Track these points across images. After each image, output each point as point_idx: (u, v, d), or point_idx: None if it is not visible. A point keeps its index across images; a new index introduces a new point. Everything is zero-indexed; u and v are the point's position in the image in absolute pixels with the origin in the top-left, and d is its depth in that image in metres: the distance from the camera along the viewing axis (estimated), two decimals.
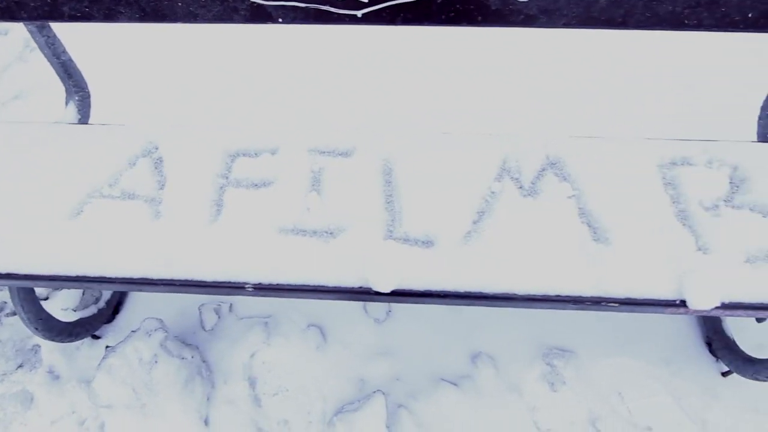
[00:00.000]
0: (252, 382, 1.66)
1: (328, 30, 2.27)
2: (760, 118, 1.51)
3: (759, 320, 1.46)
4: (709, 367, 1.67)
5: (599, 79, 2.24)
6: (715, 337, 1.68)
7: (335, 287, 1.20)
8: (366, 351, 1.71)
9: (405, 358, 1.69)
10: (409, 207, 1.29)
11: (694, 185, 1.30)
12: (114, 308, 1.85)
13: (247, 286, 1.21)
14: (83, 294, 1.75)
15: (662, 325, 1.74)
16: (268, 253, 1.24)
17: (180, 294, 1.42)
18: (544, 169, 1.34)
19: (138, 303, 1.86)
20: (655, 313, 1.16)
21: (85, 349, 1.75)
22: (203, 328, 1.75)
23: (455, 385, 1.62)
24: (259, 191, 1.33)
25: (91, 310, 1.75)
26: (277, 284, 1.21)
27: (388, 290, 1.17)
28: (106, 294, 1.85)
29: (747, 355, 1.55)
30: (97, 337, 1.79)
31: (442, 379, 1.64)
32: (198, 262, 1.24)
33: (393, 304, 1.80)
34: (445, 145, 1.38)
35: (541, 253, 1.20)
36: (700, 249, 1.19)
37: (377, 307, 1.78)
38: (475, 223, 1.25)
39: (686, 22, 1.21)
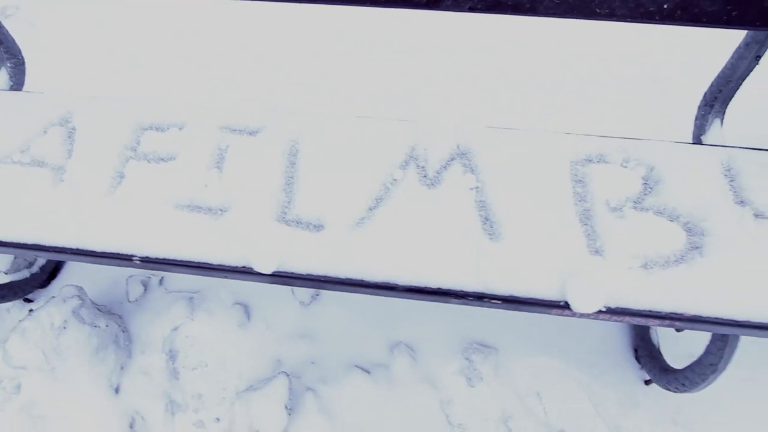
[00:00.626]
0: (173, 355, 1.67)
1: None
2: (696, 118, 1.44)
3: (678, 330, 1.41)
4: (633, 374, 1.63)
5: (533, 69, 2.14)
6: (641, 344, 1.63)
7: (219, 265, 1.18)
8: (287, 332, 1.71)
9: (324, 342, 1.68)
10: (308, 189, 1.26)
11: (604, 184, 1.25)
12: (50, 274, 1.88)
13: (134, 258, 1.21)
14: (14, 257, 1.78)
15: (592, 329, 1.70)
16: (160, 226, 1.23)
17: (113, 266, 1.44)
18: (452, 159, 1.30)
19: (73, 271, 1.88)
20: (541, 313, 1.13)
21: (15, 311, 1.78)
22: (128, 299, 1.76)
23: (368, 372, 1.61)
24: (162, 165, 1.32)
25: (23, 274, 1.77)
26: (164, 258, 1.20)
27: (268, 271, 1.15)
28: (41, 260, 1.88)
29: (666, 364, 1.50)
30: (29, 301, 1.81)
31: (356, 366, 1.62)
32: (92, 232, 1.24)
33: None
34: (356, 129, 1.35)
35: (430, 244, 1.17)
36: (594, 251, 1.14)
37: (304, 290, 1.77)
38: (370, 209, 1.23)
39: (598, 11, 1.15)
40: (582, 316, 1.11)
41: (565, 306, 1.10)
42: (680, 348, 1.63)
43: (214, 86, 2.23)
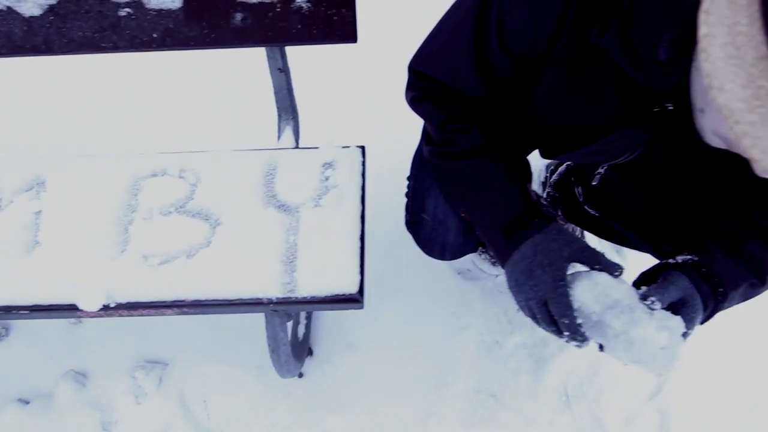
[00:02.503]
0: None
1: None
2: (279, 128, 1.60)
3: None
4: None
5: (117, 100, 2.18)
6: (293, 341, 1.74)
7: None
8: None
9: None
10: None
11: (158, 194, 1.37)
12: None
13: None
14: None
15: (259, 334, 1.79)
16: None
17: None
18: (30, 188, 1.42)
19: None
20: (55, 318, 1.23)
21: None
22: None
23: (27, 403, 1.66)
24: None
25: None
26: None
27: None
28: None
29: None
30: None
31: (19, 400, 1.67)
32: None
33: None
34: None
35: None
36: (118, 254, 1.26)
37: None
38: None
39: (103, 45, 1.30)
40: (95, 315, 1.21)
41: (74, 307, 1.20)
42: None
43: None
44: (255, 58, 1.48)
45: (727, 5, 0.57)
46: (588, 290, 0.89)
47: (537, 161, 1.48)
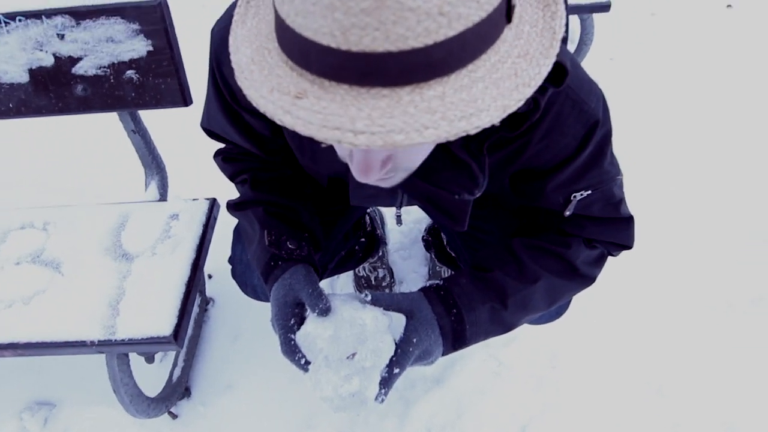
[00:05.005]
0: None
1: None
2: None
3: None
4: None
5: None
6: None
7: None
8: None
9: None
10: None
11: (18, 245, 1.51)
12: None
13: None
14: None
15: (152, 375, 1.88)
16: None
17: None
18: None
19: None
20: None
21: None
22: None
23: None
24: None
25: None
26: None
27: None
28: None
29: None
30: None
31: None
32: None
33: None
34: None
35: None
36: None
37: None
38: None
39: None
40: None
41: None
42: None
43: None
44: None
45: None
46: (308, 343, 0.93)
47: None
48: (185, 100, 1.43)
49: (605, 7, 2.06)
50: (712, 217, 2.23)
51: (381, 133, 0.52)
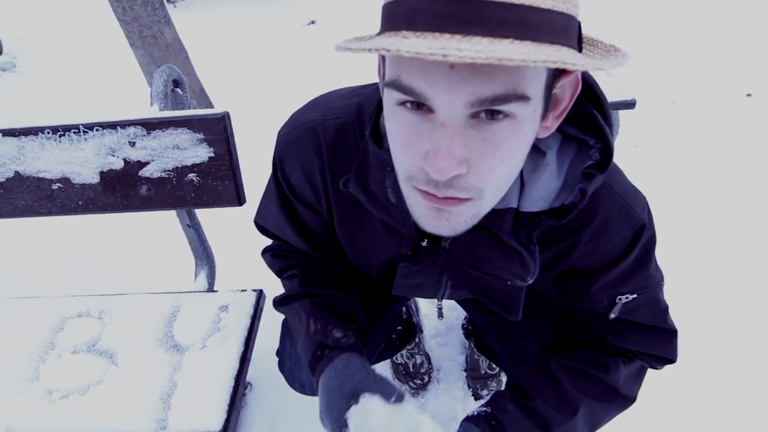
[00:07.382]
0: None
1: None
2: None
3: None
4: None
5: None
6: None
7: None
8: None
9: None
10: None
11: (76, 333, 1.59)
12: None
13: None
14: None
15: None
16: None
17: None
18: None
19: None
20: None
21: None
22: None
23: None
24: None
25: None
26: None
27: None
28: None
29: None
30: None
31: None
32: None
33: None
34: None
35: None
36: (27, 388, 1.45)
37: None
38: None
39: (41, 210, 1.60)
40: None
41: None
42: None
43: None
44: None
45: None
46: (361, 419, 0.93)
47: None
48: (239, 200, 1.53)
49: (631, 105, 2.16)
50: (741, 299, 2.22)
51: (484, 52, 0.53)
